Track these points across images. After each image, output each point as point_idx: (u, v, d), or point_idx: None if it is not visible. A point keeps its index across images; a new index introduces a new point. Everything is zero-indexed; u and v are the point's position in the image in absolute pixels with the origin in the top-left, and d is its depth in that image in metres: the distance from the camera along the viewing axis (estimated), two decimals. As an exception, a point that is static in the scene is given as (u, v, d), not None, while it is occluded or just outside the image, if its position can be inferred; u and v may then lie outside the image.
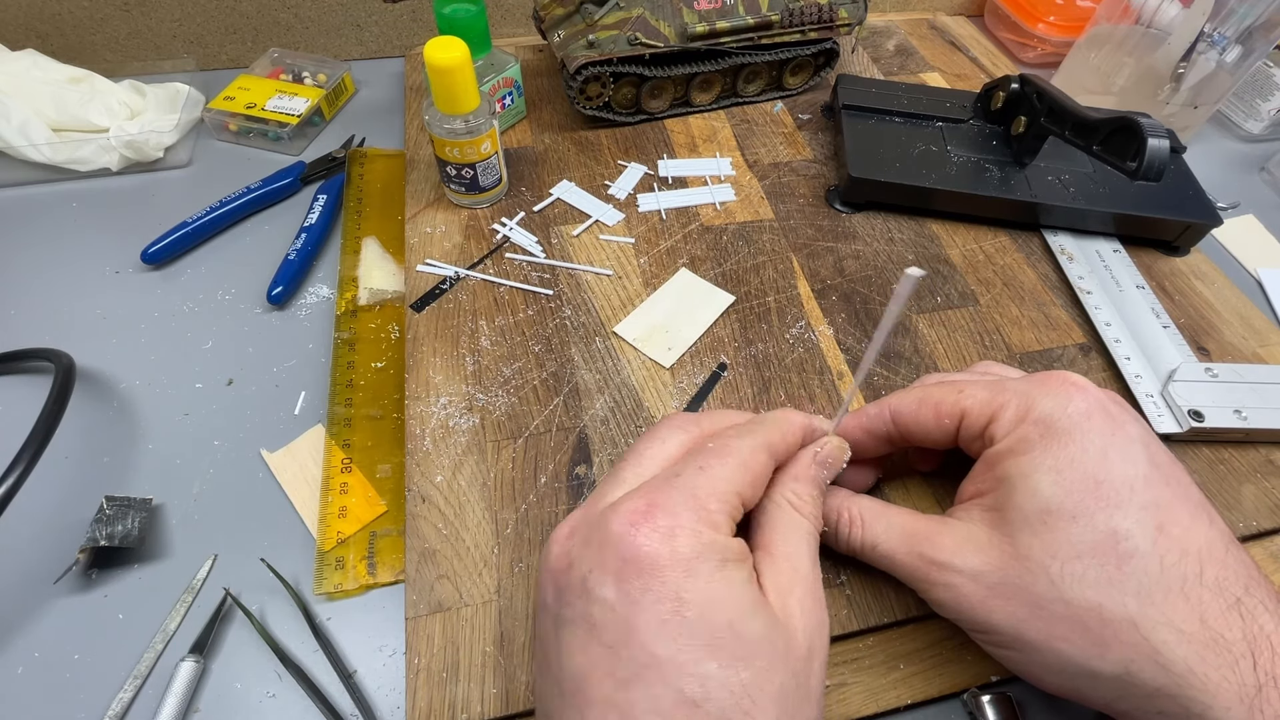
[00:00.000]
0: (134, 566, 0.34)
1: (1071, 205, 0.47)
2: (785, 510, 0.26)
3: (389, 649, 0.33)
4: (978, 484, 0.28)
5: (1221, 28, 0.54)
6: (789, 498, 0.27)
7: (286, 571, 0.34)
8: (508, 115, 0.53)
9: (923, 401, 0.30)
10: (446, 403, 0.38)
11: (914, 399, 0.30)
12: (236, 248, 0.49)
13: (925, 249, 0.48)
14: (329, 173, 0.53)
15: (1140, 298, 0.44)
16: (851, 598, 0.32)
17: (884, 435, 0.31)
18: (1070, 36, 0.66)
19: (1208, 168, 0.60)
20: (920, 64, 0.65)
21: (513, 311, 0.42)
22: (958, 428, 0.29)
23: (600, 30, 0.48)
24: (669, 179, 0.51)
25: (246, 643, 0.32)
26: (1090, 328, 0.43)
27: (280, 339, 0.44)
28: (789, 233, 0.48)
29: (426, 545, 0.33)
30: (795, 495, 0.27)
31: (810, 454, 0.28)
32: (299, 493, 0.37)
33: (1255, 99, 0.64)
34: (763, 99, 0.58)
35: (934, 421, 0.29)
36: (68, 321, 0.44)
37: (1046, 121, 0.47)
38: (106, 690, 0.31)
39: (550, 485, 0.35)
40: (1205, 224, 0.47)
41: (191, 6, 0.59)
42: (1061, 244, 0.48)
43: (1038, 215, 0.48)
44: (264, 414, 0.40)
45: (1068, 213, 0.48)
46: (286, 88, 0.57)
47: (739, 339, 0.42)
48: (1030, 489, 0.25)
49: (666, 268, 0.45)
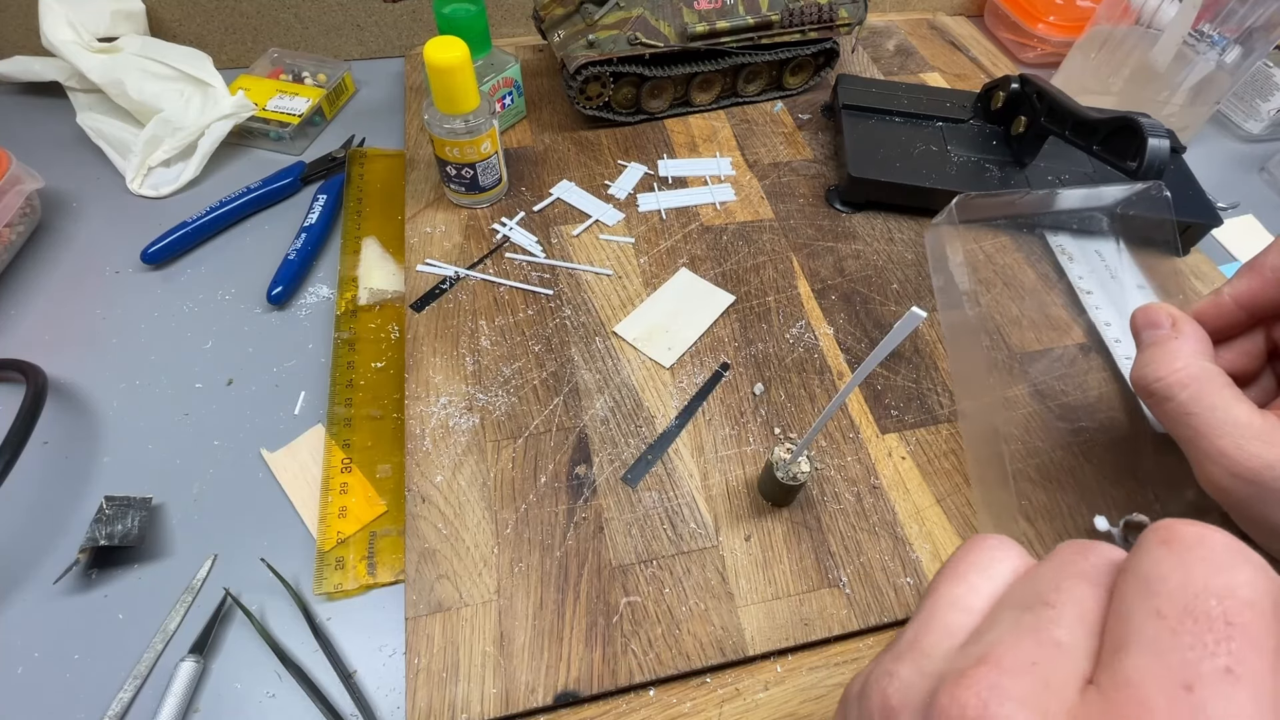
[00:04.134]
0: (134, 566, 0.34)
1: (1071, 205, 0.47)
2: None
3: (389, 649, 0.33)
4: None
5: (1221, 28, 0.54)
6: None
7: (286, 571, 0.34)
8: (508, 115, 0.53)
9: (1251, 269, 0.31)
10: (446, 403, 0.38)
11: (1241, 273, 0.32)
12: (236, 248, 0.49)
13: (925, 249, 0.48)
14: (329, 173, 0.53)
15: (1140, 298, 0.44)
16: (851, 597, 0.32)
17: (1239, 321, 0.32)
18: (1070, 36, 0.66)
19: (1208, 168, 0.60)
20: (920, 64, 0.65)
21: (513, 311, 0.42)
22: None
23: (600, 30, 0.48)
24: (669, 179, 0.51)
25: (246, 643, 0.32)
26: (1090, 328, 0.43)
27: (280, 339, 0.44)
28: (789, 233, 0.48)
29: (426, 545, 0.33)
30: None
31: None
32: (299, 493, 0.37)
33: (1255, 99, 0.64)
34: (763, 99, 0.58)
35: (1269, 280, 0.31)
36: (68, 321, 0.44)
37: (1046, 121, 0.47)
38: (106, 690, 0.31)
39: (550, 485, 0.35)
40: (1205, 224, 0.47)
41: (191, 6, 0.59)
42: (1061, 244, 0.48)
43: (1038, 215, 0.48)
44: (264, 414, 0.40)
45: (1068, 213, 0.48)
46: (287, 88, 0.57)
47: (739, 339, 0.42)
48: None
49: (666, 268, 0.45)
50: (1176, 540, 0.16)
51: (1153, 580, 0.15)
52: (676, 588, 0.32)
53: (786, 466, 0.32)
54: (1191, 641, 0.14)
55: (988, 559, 0.19)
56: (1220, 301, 0.33)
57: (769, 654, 0.31)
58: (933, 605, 0.19)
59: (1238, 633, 0.14)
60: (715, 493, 0.35)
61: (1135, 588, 0.15)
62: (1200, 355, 0.29)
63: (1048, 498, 0.36)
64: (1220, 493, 0.28)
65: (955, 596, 0.19)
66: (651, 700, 0.30)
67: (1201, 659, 0.14)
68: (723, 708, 0.30)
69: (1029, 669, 0.15)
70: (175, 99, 0.53)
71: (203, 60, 0.55)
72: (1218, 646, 0.14)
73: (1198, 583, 0.15)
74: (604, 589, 0.32)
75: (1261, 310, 0.32)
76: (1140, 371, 0.30)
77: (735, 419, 0.38)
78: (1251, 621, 0.14)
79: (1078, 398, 0.40)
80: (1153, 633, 0.14)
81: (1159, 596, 0.15)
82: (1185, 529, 0.16)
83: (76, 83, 0.55)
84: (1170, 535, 0.16)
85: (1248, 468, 0.27)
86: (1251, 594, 0.14)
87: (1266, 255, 0.32)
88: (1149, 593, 0.15)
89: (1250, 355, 0.34)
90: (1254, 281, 0.32)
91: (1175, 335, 0.30)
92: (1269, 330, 0.34)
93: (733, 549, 0.34)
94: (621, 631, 0.31)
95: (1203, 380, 0.29)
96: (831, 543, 0.34)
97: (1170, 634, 0.14)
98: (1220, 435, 0.27)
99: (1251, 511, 0.27)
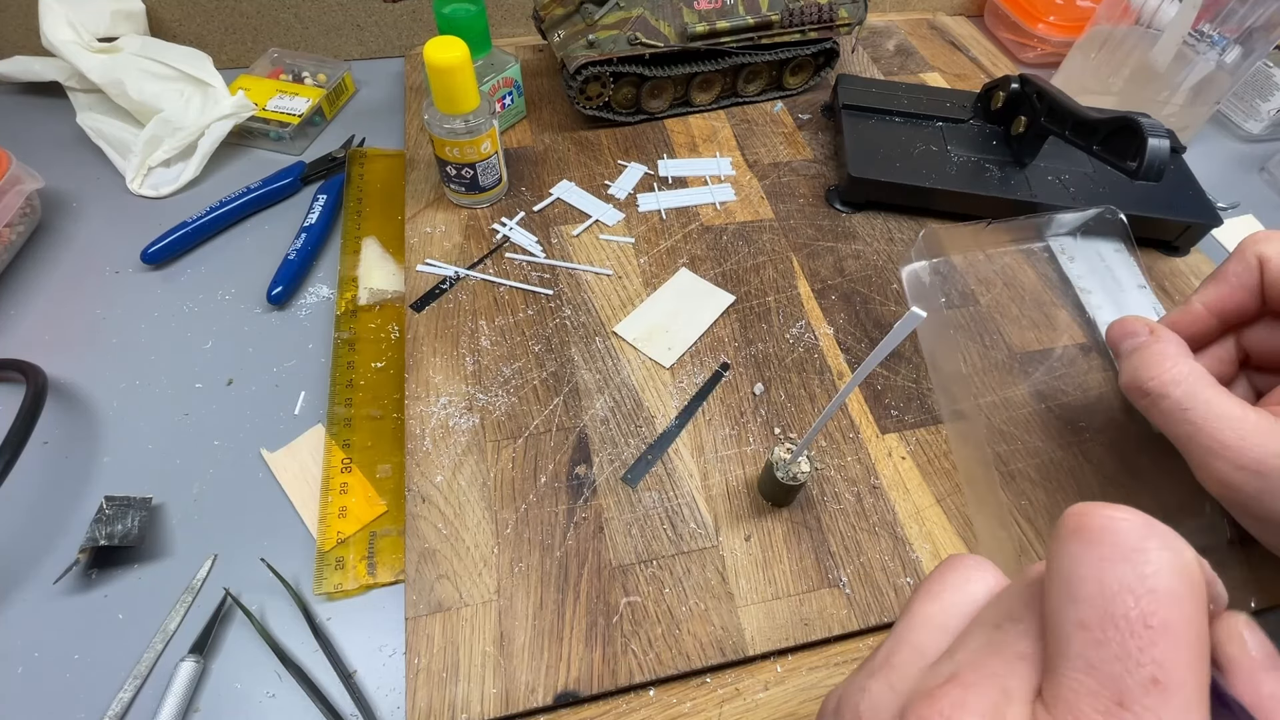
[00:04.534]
0: (134, 566, 0.34)
1: (1071, 205, 0.47)
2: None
3: (389, 649, 0.33)
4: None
5: (1221, 28, 0.54)
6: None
7: (286, 571, 0.34)
8: (508, 115, 0.53)
9: (1217, 277, 0.32)
10: (446, 403, 0.38)
11: (1208, 282, 0.32)
12: (236, 248, 0.49)
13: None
14: (329, 173, 0.53)
15: (1140, 298, 0.44)
16: (851, 597, 0.32)
17: (1210, 329, 0.33)
18: (1070, 36, 0.66)
19: (1208, 168, 0.60)
20: (920, 64, 0.65)
21: (513, 311, 0.42)
22: (1259, 278, 0.31)
23: (600, 30, 0.48)
24: (669, 179, 0.51)
25: (246, 643, 0.32)
26: (1090, 328, 0.43)
27: (280, 339, 0.44)
28: (789, 232, 0.48)
29: (426, 545, 0.33)
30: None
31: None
32: (299, 493, 0.37)
33: (1255, 99, 0.64)
34: (763, 99, 0.58)
35: (1235, 285, 0.31)
36: (68, 321, 0.44)
37: (1046, 121, 0.47)
38: (106, 690, 0.31)
39: (550, 485, 0.35)
40: (1205, 224, 0.47)
41: (191, 6, 0.59)
42: (1061, 244, 0.48)
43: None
44: (264, 414, 0.40)
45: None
46: (287, 88, 0.57)
47: (739, 339, 0.42)
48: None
49: (666, 267, 0.45)
50: (1085, 530, 0.16)
51: (1072, 583, 0.15)
52: (676, 588, 0.32)
53: (786, 466, 0.32)
54: (1117, 652, 0.14)
55: (963, 578, 0.20)
56: (1191, 310, 0.33)
57: (769, 654, 0.31)
58: (907, 624, 0.19)
59: (1158, 635, 0.14)
60: (715, 493, 0.35)
61: (1058, 592, 0.16)
62: (1185, 356, 0.30)
63: (1048, 498, 0.36)
64: (1225, 489, 0.28)
65: (929, 615, 0.19)
66: (651, 700, 0.30)
67: (1128, 671, 0.14)
68: (723, 708, 0.30)
69: (993, 686, 0.16)
70: (175, 99, 0.53)
71: (203, 60, 0.55)
72: (1141, 655, 0.14)
73: (1112, 582, 0.15)
74: (604, 589, 0.32)
75: (1231, 316, 0.33)
76: (1131, 375, 0.30)
77: (735, 419, 0.38)
78: (1170, 617, 0.14)
79: (1078, 398, 0.40)
80: (1080, 646, 0.15)
81: (1080, 603, 0.15)
82: (1092, 516, 0.16)
83: (76, 83, 0.55)
84: (1079, 523, 0.16)
85: (1254, 459, 0.27)
86: (1165, 581, 0.14)
87: (1229, 262, 0.33)
88: (1070, 598, 0.15)
89: (1223, 361, 0.34)
90: (1222, 288, 0.32)
91: (1156, 339, 0.30)
92: (1238, 337, 0.34)
93: (733, 549, 0.34)
94: (621, 631, 0.31)
95: (1193, 378, 0.29)
96: (831, 543, 0.34)
97: (1096, 646, 0.14)
98: (1221, 429, 0.28)
99: (1259, 506, 0.27)
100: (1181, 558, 0.15)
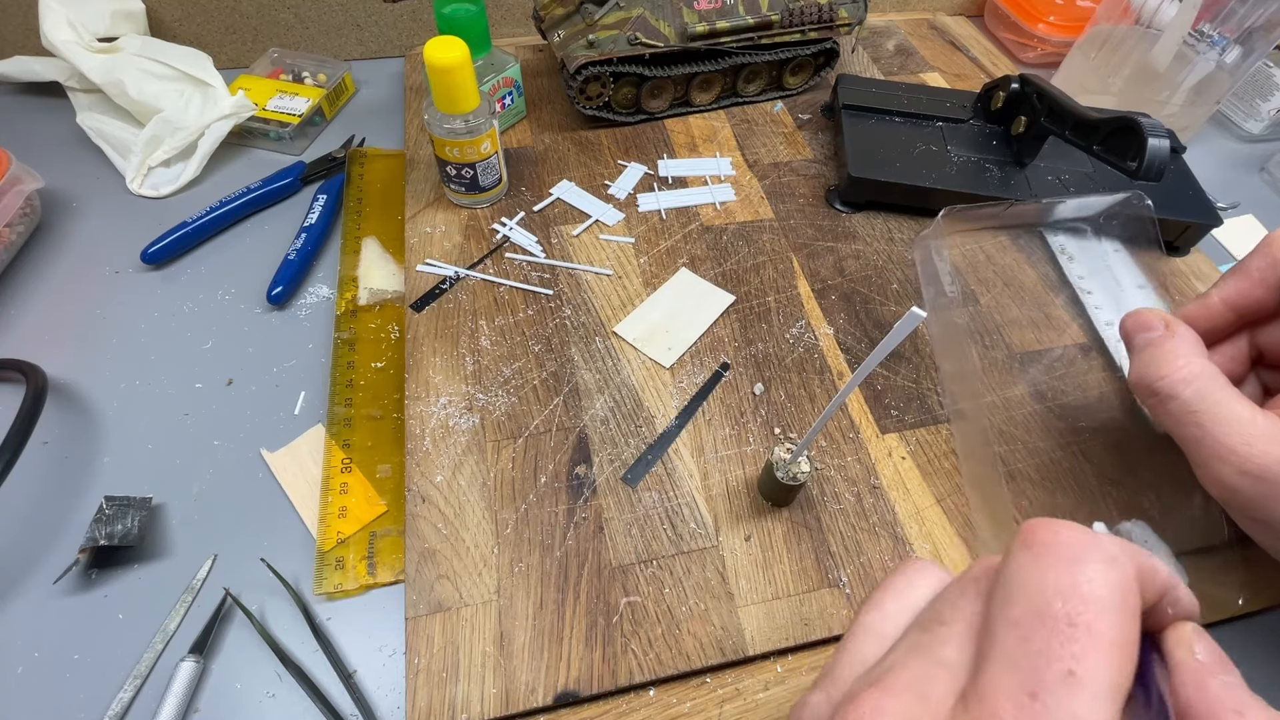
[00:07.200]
0: (134, 566, 0.34)
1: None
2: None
3: (389, 649, 0.33)
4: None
5: (1221, 28, 0.54)
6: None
7: (286, 571, 0.34)
8: (508, 115, 0.53)
9: (1238, 272, 0.32)
10: (446, 403, 0.38)
11: (1228, 276, 0.32)
12: (236, 248, 0.49)
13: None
14: (329, 173, 0.53)
15: (1141, 298, 0.44)
16: (851, 598, 0.32)
17: (1227, 324, 0.33)
18: (1070, 36, 0.66)
19: (1208, 168, 0.59)
20: (920, 64, 0.65)
21: (513, 311, 0.42)
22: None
23: (600, 30, 0.48)
24: (669, 179, 0.51)
25: (246, 643, 0.32)
26: (1090, 328, 0.43)
27: (280, 339, 0.44)
28: (789, 232, 0.48)
29: (426, 545, 0.33)
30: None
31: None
32: (299, 493, 0.37)
33: (1255, 99, 0.64)
34: (763, 99, 0.58)
35: (1257, 280, 0.31)
36: (68, 321, 0.44)
37: (1046, 121, 0.47)
38: (106, 690, 0.31)
39: (550, 485, 0.35)
40: (1205, 224, 0.47)
41: (191, 6, 0.59)
42: (1061, 244, 0.48)
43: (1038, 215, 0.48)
44: (264, 414, 0.40)
45: (1056, 221, 0.48)
46: (287, 88, 0.57)
47: (739, 339, 0.42)
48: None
49: (666, 267, 0.45)
50: (1033, 542, 0.16)
51: (1011, 587, 0.16)
52: (676, 588, 0.32)
53: (786, 466, 0.32)
54: (1040, 648, 0.14)
55: (905, 584, 0.20)
56: (1209, 304, 0.33)
57: (769, 654, 0.31)
58: (851, 634, 0.20)
59: (1080, 633, 0.14)
60: (715, 493, 0.35)
61: (999, 596, 0.16)
62: (1199, 354, 0.29)
63: (1048, 498, 0.36)
64: (1227, 492, 0.28)
65: (869, 624, 0.19)
66: (651, 700, 0.30)
67: (1047, 665, 0.14)
68: (723, 708, 0.30)
69: (912, 689, 0.16)
70: (175, 99, 0.53)
71: (203, 60, 0.55)
72: (1061, 650, 0.14)
73: (1048, 585, 0.15)
74: (604, 589, 0.32)
75: (1250, 311, 0.32)
76: (1140, 372, 0.30)
77: (735, 419, 0.38)
78: (1094, 618, 0.14)
79: (1078, 398, 0.40)
80: (1009, 643, 0.15)
81: (1015, 604, 0.15)
82: (1040, 530, 0.16)
83: (76, 83, 0.55)
84: (1028, 537, 0.16)
85: (1258, 464, 0.27)
86: (1096, 588, 0.15)
87: (1252, 258, 0.32)
88: (1007, 600, 0.15)
89: (1235, 360, 0.34)
90: (1242, 283, 0.32)
91: (1171, 336, 0.30)
92: (1252, 335, 0.34)
93: (733, 549, 0.34)
94: (621, 631, 0.31)
95: (1205, 378, 0.28)
96: (831, 543, 0.34)
97: (1022, 642, 0.15)
98: (1228, 433, 0.27)
99: (1259, 511, 0.27)
100: (1121, 572, 0.15)
